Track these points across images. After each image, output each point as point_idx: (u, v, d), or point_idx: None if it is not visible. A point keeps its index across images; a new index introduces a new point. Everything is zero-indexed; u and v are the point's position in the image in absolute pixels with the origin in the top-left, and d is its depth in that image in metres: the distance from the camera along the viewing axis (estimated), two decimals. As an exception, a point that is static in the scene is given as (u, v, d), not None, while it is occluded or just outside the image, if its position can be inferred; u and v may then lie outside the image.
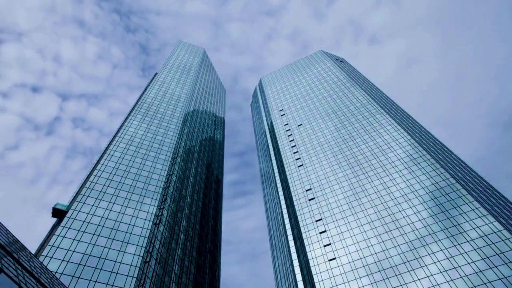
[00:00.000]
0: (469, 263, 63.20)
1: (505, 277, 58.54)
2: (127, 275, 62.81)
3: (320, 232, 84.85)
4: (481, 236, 66.45)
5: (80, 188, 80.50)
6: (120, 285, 60.73)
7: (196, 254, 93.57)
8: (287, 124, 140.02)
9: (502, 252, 62.29)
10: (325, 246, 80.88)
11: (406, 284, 65.40)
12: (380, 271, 70.03)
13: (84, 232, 68.05)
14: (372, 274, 70.21)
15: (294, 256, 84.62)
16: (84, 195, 76.63)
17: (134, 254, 67.47)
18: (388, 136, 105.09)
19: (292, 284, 79.84)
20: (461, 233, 68.95)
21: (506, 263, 60.38)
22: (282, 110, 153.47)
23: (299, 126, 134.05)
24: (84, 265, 61.72)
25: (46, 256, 60.43)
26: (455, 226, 70.80)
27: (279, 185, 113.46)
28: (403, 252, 71.19)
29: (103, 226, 70.95)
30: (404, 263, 69.11)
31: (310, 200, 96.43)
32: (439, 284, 62.52)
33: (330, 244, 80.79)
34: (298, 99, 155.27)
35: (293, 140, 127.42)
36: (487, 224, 68.01)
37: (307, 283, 75.53)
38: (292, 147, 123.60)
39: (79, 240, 65.88)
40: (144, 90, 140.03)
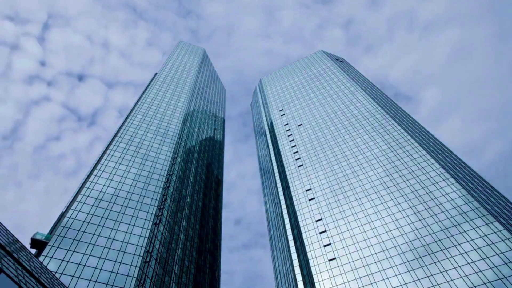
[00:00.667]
0: (469, 263, 63.20)
1: (505, 277, 58.55)
2: (127, 275, 62.82)
3: (320, 232, 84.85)
4: (481, 236, 66.45)
5: (80, 188, 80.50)
6: (120, 285, 60.74)
7: (196, 254, 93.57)
8: (287, 124, 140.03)
9: (502, 252, 62.30)
10: (325, 246, 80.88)
11: (406, 284, 65.41)
12: (380, 271, 70.02)
13: (84, 232, 68.05)
14: (372, 274, 70.20)
15: (294, 256, 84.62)
16: (84, 195, 76.63)
17: (134, 254, 67.47)
18: (388, 136, 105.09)
19: (292, 284, 79.84)
20: (461, 233, 68.94)
21: (506, 263, 60.39)
22: (282, 110, 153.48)
23: (299, 126, 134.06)
24: (84, 265, 61.72)
25: (46, 256, 60.44)
26: (455, 226, 70.79)
27: (279, 185, 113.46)
28: (403, 252, 71.19)
29: (103, 226, 70.95)
30: (404, 263, 69.12)
31: (310, 200, 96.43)
32: (439, 284, 62.52)
33: (330, 244, 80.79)
34: (298, 99, 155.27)
35: (293, 140, 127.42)
36: (487, 223, 68.01)
37: (307, 283, 75.54)
38: (292, 147, 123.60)
39: (79, 240, 65.88)
40: (144, 90, 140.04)
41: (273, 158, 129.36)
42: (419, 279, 65.05)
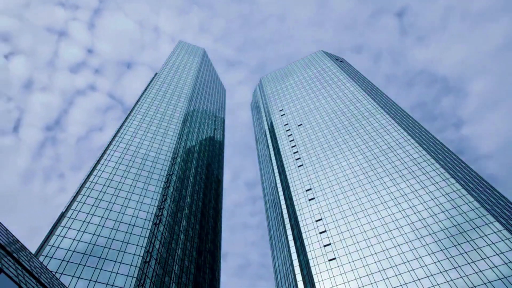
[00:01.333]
0: (469, 263, 63.19)
1: (505, 277, 58.54)
2: (127, 275, 62.81)
3: (320, 232, 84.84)
4: (481, 236, 66.45)
5: (80, 188, 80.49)
6: (120, 285, 60.73)
7: (196, 254, 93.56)
8: (287, 124, 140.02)
9: (502, 252, 62.29)
10: (325, 246, 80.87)
11: (406, 284, 65.39)
12: (380, 271, 70.02)
13: (84, 232, 68.04)
14: (372, 274, 70.20)
15: (294, 256, 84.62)
16: (84, 195, 76.62)
17: (134, 254, 67.46)
18: (388, 136, 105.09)
19: (292, 284, 79.83)
20: (461, 233, 68.94)
21: (506, 263, 60.39)
22: (282, 110, 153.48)
23: (299, 126, 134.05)
24: (84, 265, 61.71)
25: (46, 256, 60.43)
26: (455, 226, 70.79)
27: (279, 185, 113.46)
28: (403, 252, 71.17)
29: (103, 226, 70.94)
30: (404, 263, 69.11)
31: (310, 200, 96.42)
32: (439, 284, 62.51)
33: (330, 244, 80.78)
34: (298, 99, 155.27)
35: (293, 140, 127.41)
36: (487, 223, 68.01)
37: (307, 283, 75.53)
38: (292, 147, 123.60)
39: (79, 240, 65.87)
40: (144, 90, 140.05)
41: (273, 158, 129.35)
42: (419, 279, 65.04)
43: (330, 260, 77.02)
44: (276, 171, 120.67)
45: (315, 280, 74.04)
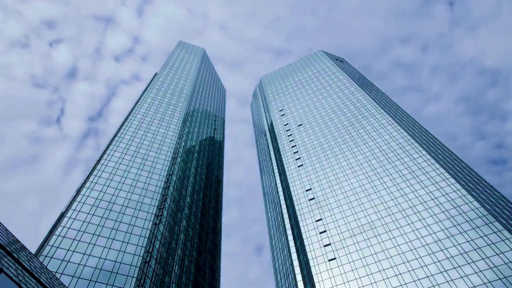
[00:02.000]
0: (469, 263, 63.19)
1: (505, 277, 58.54)
2: (127, 275, 62.81)
3: (320, 232, 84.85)
4: (481, 236, 66.45)
5: (80, 188, 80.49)
6: (120, 285, 60.73)
7: (196, 254, 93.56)
8: (287, 124, 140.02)
9: (502, 252, 62.29)
10: (325, 246, 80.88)
11: (406, 284, 65.39)
12: (380, 271, 70.02)
13: (84, 232, 68.04)
14: (372, 274, 70.20)
15: (294, 256, 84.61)
16: (84, 195, 76.62)
17: (134, 254, 67.46)
18: (388, 136, 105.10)
19: (292, 284, 79.83)
20: (461, 233, 68.96)
21: (506, 263, 60.38)
22: (282, 110, 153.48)
23: (299, 126, 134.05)
24: (84, 265, 61.72)
25: (46, 256, 60.43)
26: (455, 226, 70.81)
27: (279, 185, 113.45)
28: (403, 252, 71.18)
29: (103, 226, 70.94)
30: (404, 263, 69.10)
31: (310, 200, 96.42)
32: (439, 284, 62.51)
33: (330, 244, 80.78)
34: (298, 99, 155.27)
35: (293, 140, 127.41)
36: (487, 223, 68.00)
37: (307, 283, 75.53)
38: (292, 147, 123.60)
39: (79, 240, 65.87)
40: (144, 90, 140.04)
41: (273, 158, 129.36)
42: (419, 279, 65.04)
43: (330, 260, 77.02)
44: (276, 171, 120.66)
45: (315, 280, 74.04)
